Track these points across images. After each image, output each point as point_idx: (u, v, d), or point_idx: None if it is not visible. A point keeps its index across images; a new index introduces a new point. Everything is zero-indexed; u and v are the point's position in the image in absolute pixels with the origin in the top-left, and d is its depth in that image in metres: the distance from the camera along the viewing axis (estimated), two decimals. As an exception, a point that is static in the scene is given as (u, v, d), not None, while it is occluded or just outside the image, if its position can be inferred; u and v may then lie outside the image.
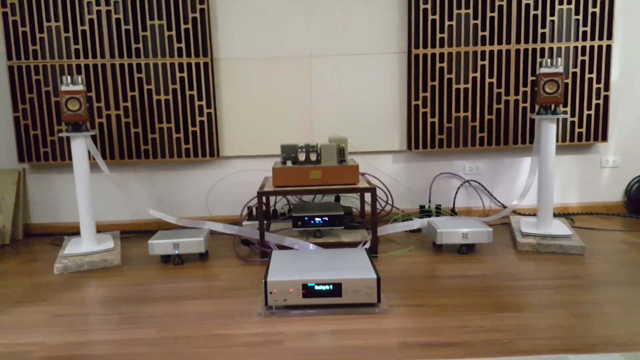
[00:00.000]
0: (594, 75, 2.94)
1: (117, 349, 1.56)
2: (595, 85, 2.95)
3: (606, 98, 2.96)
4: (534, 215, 3.04)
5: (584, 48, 2.91)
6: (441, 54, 2.89)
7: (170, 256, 2.41)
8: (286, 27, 2.91)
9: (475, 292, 1.92)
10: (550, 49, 2.90)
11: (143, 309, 1.86)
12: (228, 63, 2.94)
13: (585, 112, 2.98)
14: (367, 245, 2.37)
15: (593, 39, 2.90)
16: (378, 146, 3.05)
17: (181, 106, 2.89)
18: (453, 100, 2.93)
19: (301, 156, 2.41)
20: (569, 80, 2.95)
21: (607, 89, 2.95)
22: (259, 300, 1.91)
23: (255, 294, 1.97)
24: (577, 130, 2.99)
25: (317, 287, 1.77)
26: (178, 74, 2.86)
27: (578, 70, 2.93)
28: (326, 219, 2.44)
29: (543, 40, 2.89)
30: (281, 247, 2.40)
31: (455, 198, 3.12)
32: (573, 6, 2.86)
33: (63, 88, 2.32)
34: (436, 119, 2.95)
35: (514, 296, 1.87)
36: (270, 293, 1.76)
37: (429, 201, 3.12)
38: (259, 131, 3.00)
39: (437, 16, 2.85)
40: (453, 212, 3.05)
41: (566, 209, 3.17)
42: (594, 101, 2.97)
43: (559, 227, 2.52)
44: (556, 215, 3.11)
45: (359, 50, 2.95)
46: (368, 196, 3.04)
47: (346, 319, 1.72)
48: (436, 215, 2.98)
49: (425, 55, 2.89)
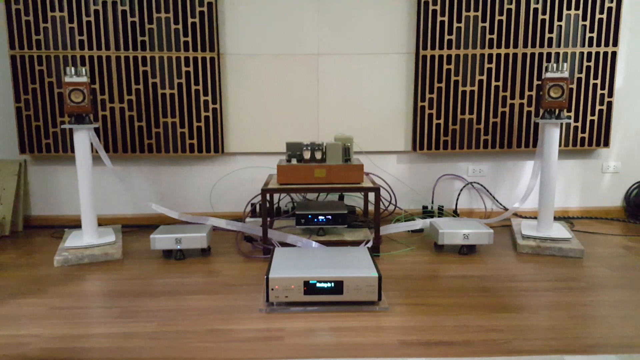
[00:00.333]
0: (598, 81, 2.94)
1: (117, 342, 1.55)
2: (599, 91, 2.95)
3: (610, 104, 2.96)
4: (535, 218, 3.05)
5: (589, 54, 2.91)
6: (448, 56, 2.88)
7: (172, 251, 2.41)
8: (295, 25, 2.91)
9: (475, 293, 1.93)
10: (557, 54, 2.90)
11: (143, 303, 1.86)
12: (235, 58, 2.93)
13: (589, 118, 2.98)
14: (370, 244, 2.37)
15: (599, 45, 2.91)
16: (383, 146, 3.05)
17: (186, 101, 2.88)
18: (459, 102, 2.93)
19: (306, 154, 2.41)
20: (574, 86, 2.95)
21: (611, 95, 2.95)
22: (260, 296, 1.91)
23: (256, 290, 1.97)
24: (580, 135, 3.00)
25: (319, 285, 1.77)
26: (184, 68, 2.85)
27: (583, 75, 2.93)
28: (329, 217, 2.44)
29: (550, 45, 2.89)
30: (284, 245, 2.40)
31: (457, 199, 3.12)
32: (581, 12, 2.87)
33: (66, 79, 2.31)
34: (441, 121, 2.95)
35: (513, 297, 1.88)
36: (272, 289, 1.76)
37: (432, 202, 3.12)
38: (265, 128, 3.00)
39: (446, 17, 2.85)
40: (455, 214, 3.06)
41: (567, 212, 3.17)
42: (598, 107, 2.97)
43: (559, 231, 2.52)
44: (557, 218, 3.11)
45: (366, 50, 2.94)
46: (372, 196, 3.04)
47: (347, 316, 1.72)
48: (438, 216, 2.98)
49: (432, 56, 2.88)
